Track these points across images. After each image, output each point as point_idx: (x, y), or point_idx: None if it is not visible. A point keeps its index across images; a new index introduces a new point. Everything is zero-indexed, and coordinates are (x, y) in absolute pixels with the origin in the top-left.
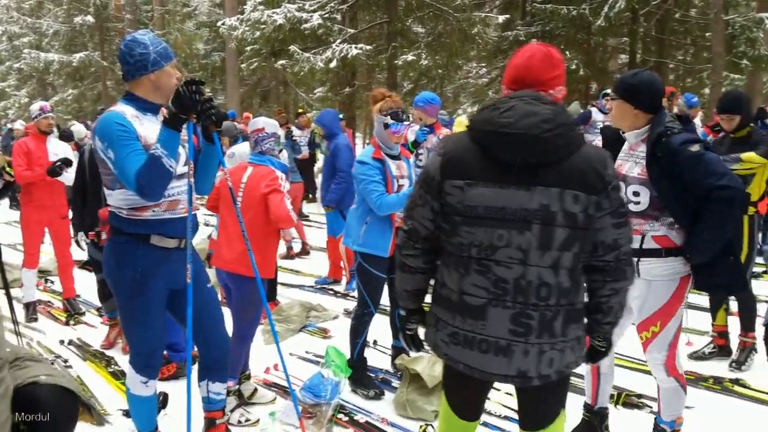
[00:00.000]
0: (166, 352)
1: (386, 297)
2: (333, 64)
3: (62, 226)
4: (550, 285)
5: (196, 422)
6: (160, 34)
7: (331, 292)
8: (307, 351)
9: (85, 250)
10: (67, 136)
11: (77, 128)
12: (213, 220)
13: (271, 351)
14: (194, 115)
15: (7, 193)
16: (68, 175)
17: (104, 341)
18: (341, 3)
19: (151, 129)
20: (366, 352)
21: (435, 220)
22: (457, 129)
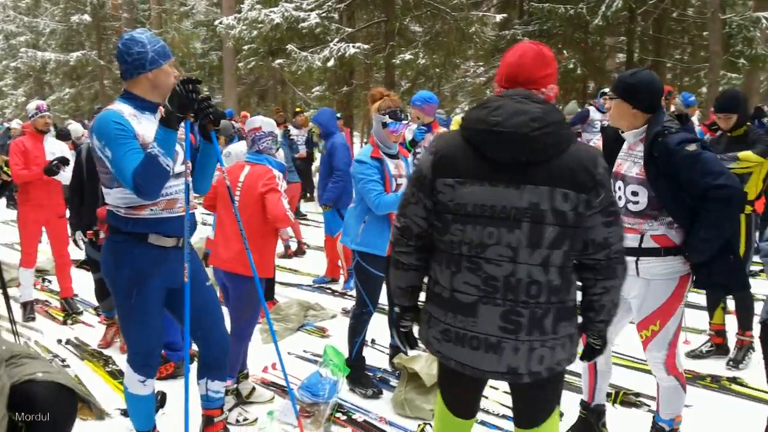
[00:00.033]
0: (163, 352)
1: (385, 296)
2: (330, 63)
3: (59, 225)
4: (540, 283)
5: (194, 421)
6: (157, 33)
7: (329, 291)
8: (305, 350)
9: (82, 249)
10: (64, 135)
11: (74, 127)
12: (210, 220)
13: (269, 350)
14: (191, 113)
15: (4, 192)
16: (65, 174)
17: (102, 341)
18: (338, 2)
19: (149, 128)
20: (364, 351)
21: (427, 217)
22: (454, 128)
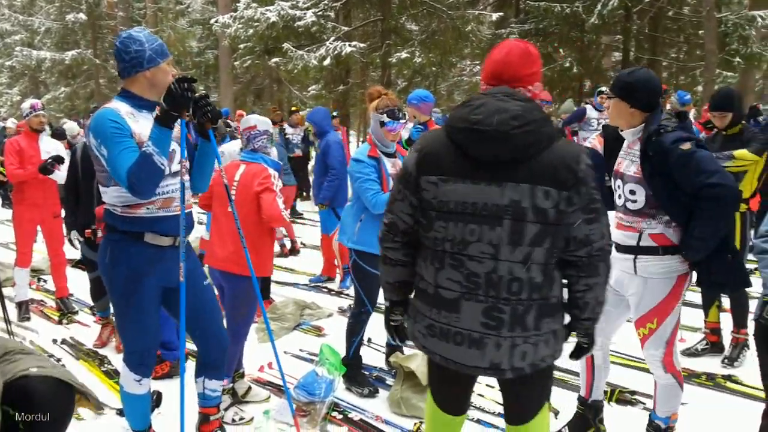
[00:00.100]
0: (159, 351)
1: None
2: (327, 62)
3: (55, 224)
4: (521, 280)
5: (189, 421)
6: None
7: (325, 290)
8: (301, 349)
9: (78, 248)
10: (59, 134)
11: (70, 126)
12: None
13: (265, 349)
14: (187, 112)
15: None
16: (60, 174)
17: (97, 340)
18: (335, 0)
19: (146, 126)
20: (360, 350)
21: (413, 214)
22: None
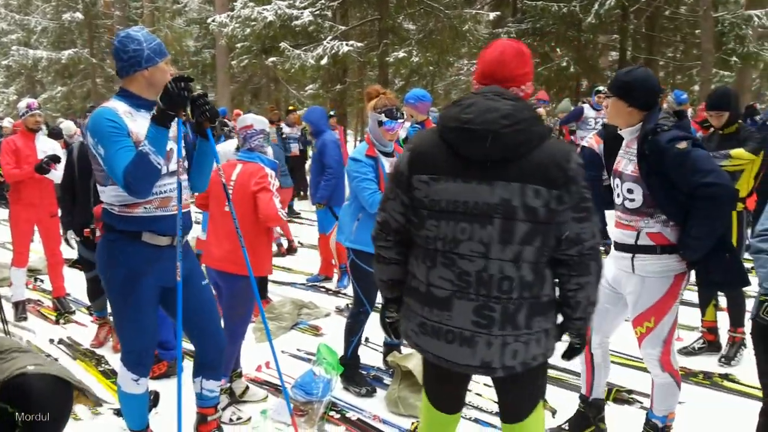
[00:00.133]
0: (156, 350)
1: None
2: (324, 61)
3: (52, 224)
4: (512, 278)
5: (187, 421)
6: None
7: (323, 290)
8: (298, 348)
9: (74, 248)
10: (56, 134)
11: (66, 125)
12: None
13: (262, 349)
14: (183, 111)
15: None
16: (57, 173)
17: (94, 340)
18: (332, 0)
19: (144, 125)
20: (358, 349)
21: (405, 213)
22: None
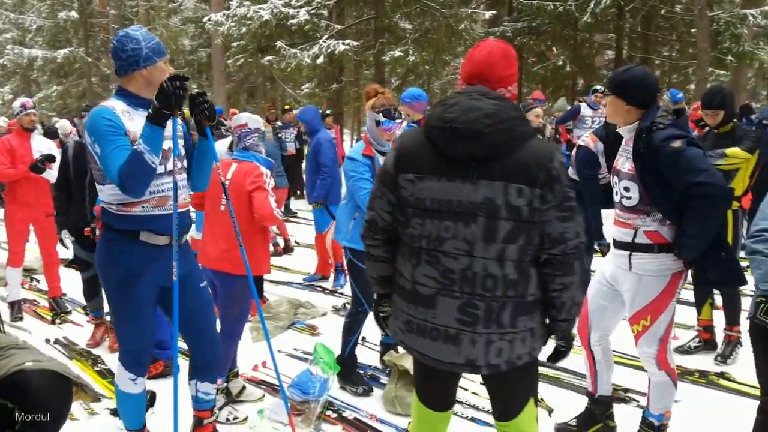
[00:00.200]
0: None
1: None
2: (320, 60)
3: (47, 224)
4: (496, 276)
5: (183, 421)
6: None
7: (320, 289)
8: (295, 348)
9: (69, 248)
10: (52, 133)
11: (62, 124)
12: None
13: (259, 348)
14: (179, 110)
15: None
16: (52, 172)
17: (90, 340)
18: None
19: (142, 125)
20: (355, 349)
21: (392, 212)
22: None
